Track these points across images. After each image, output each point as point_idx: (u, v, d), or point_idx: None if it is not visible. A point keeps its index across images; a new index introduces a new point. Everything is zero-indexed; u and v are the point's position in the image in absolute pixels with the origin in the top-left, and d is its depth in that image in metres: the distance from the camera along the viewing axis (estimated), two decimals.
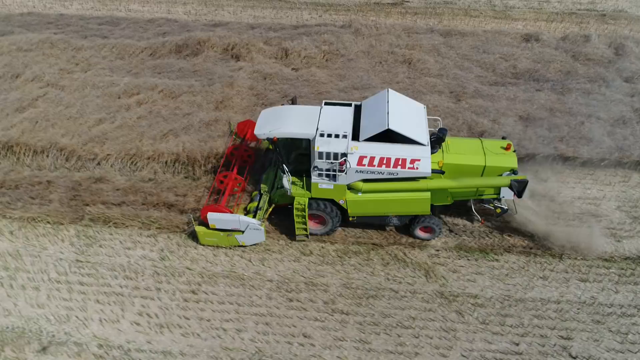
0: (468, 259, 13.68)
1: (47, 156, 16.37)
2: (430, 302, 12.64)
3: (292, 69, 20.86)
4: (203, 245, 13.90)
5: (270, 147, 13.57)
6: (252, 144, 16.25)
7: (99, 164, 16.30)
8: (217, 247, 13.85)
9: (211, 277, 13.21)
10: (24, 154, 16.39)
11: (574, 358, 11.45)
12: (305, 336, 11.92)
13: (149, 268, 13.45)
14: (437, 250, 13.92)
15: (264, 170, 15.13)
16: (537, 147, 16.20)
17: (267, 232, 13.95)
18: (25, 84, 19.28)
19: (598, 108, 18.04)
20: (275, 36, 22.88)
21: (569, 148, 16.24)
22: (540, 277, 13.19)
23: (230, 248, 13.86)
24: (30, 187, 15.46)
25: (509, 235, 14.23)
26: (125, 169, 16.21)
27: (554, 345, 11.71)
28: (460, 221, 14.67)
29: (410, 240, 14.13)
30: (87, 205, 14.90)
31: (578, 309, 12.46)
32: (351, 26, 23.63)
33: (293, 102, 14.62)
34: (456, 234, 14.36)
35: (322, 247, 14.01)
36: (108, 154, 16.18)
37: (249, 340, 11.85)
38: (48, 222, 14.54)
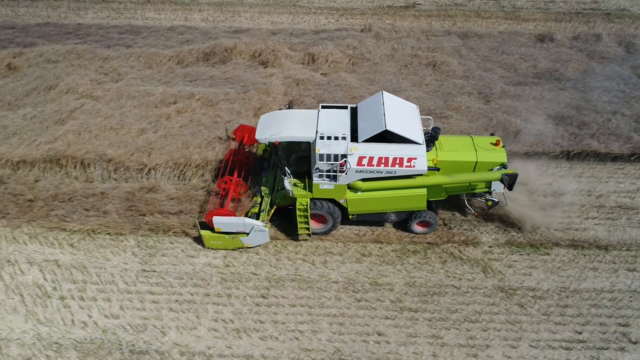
0: (520, 254, 14.34)
1: (95, 168, 16.47)
2: (492, 297, 13.24)
3: (321, 74, 21.27)
4: (208, 248, 14.25)
5: (269, 148, 13.70)
6: (249, 148, 16.49)
7: (147, 174, 16.48)
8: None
9: (278, 282, 13.58)
10: (72, 166, 16.45)
11: (635, 343, 12.19)
12: (379, 334, 12.40)
13: (216, 275, 13.75)
14: (490, 247, 14.54)
15: (263, 173, 15.51)
16: (571, 145, 17.00)
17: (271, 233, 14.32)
18: (60, 95, 19.26)
19: (621, 105, 18.93)
20: (298, 42, 23.25)
21: (600, 144, 17.08)
22: (591, 269, 13.92)
23: (292, 252, 14.28)
24: (83, 199, 15.54)
25: (555, 230, 14.94)
26: (174, 178, 16.43)
27: (614, 332, 12.42)
28: (507, 217, 15.33)
29: (463, 237, 14.73)
30: (144, 215, 15.09)
31: (630, 297, 13.21)
32: (371, 30, 24.15)
33: (290, 106, 15.01)
34: (505, 230, 15.01)
35: (380, 248, 14.51)
36: (157, 164, 16.36)
37: (326, 340, 12.27)
38: (108, 234, 14.71)
